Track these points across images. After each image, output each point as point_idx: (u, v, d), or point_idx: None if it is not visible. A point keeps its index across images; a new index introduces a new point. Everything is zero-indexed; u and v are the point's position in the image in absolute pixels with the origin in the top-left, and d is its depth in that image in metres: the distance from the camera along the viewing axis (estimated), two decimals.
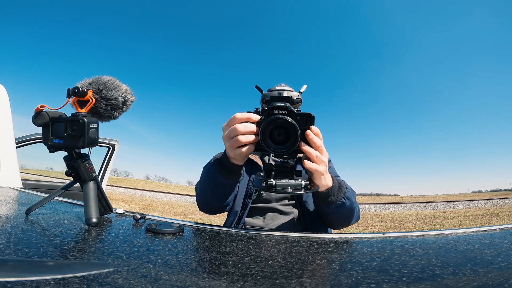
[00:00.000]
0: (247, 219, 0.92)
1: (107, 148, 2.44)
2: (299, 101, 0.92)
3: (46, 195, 0.65)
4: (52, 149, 0.59)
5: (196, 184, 0.89)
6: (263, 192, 0.94)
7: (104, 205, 0.66)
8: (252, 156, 0.99)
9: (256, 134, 0.58)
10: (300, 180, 0.58)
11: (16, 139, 1.31)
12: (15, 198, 0.87)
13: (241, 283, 0.32)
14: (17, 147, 1.32)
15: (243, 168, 0.97)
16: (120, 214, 0.68)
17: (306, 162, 0.60)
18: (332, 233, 0.61)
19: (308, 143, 0.58)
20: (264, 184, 0.57)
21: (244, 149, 0.59)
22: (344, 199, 0.72)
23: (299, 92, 0.95)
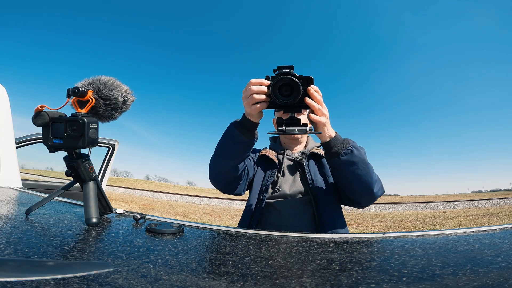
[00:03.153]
0: (263, 215, 0.96)
1: (107, 148, 2.44)
2: None
3: (46, 195, 0.65)
4: (52, 149, 0.59)
5: (210, 161, 0.94)
6: (279, 187, 1.00)
7: (104, 205, 0.66)
8: (267, 153, 1.09)
9: (267, 94, 0.71)
10: (306, 127, 0.74)
11: (16, 139, 1.31)
12: (15, 198, 0.87)
13: (241, 283, 0.32)
14: (17, 147, 1.32)
15: (256, 159, 1.06)
16: (120, 214, 0.68)
17: (310, 114, 0.73)
18: (332, 233, 0.61)
19: (311, 98, 0.72)
20: (276, 131, 0.74)
21: (258, 105, 0.72)
22: (351, 147, 0.78)
23: None
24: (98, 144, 0.61)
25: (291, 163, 1.05)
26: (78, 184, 0.61)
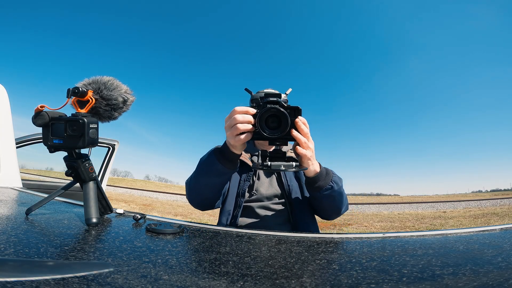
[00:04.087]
0: (240, 218, 0.96)
1: (107, 148, 2.44)
2: (285, 102, 1.04)
3: (46, 195, 0.65)
4: (52, 149, 0.59)
5: (188, 180, 0.92)
6: (255, 192, 1.00)
7: (104, 205, 0.66)
8: (242, 156, 1.03)
9: (253, 124, 0.68)
10: (292, 162, 0.69)
11: (16, 139, 1.31)
12: (15, 198, 0.87)
13: (241, 283, 0.32)
14: (17, 147, 1.32)
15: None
16: (120, 214, 0.68)
17: (297, 147, 0.70)
18: (332, 233, 0.61)
19: (297, 131, 0.69)
20: (260, 165, 0.68)
21: (242, 136, 0.68)
22: (332, 182, 0.80)
23: (285, 94, 1.10)
24: (98, 144, 0.61)
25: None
26: (78, 184, 0.61)
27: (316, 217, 0.99)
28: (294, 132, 0.68)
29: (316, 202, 0.88)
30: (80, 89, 0.57)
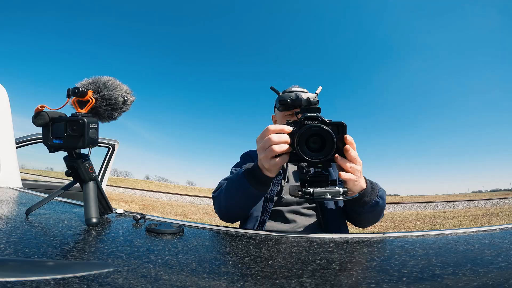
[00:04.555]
0: (268, 223, 0.92)
1: (107, 148, 2.44)
2: (316, 103, 0.92)
3: (46, 195, 0.65)
4: (52, 149, 0.59)
5: (214, 193, 0.88)
6: (284, 196, 0.95)
7: (104, 205, 0.66)
8: None
9: (290, 144, 0.59)
10: (337, 187, 0.59)
11: (16, 139, 1.31)
12: (15, 198, 0.87)
13: (241, 283, 0.32)
14: (17, 147, 1.33)
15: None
16: (120, 214, 0.68)
17: (342, 173, 0.62)
18: (332, 233, 0.61)
19: (342, 154, 0.60)
20: (300, 193, 0.58)
21: (278, 159, 0.60)
22: (378, 198, 0.75)
23: (315, 93, 0.94)
24: (98, 144, 0.61)
25: (296, 168, 1.03)
26: (78, 184, 0.61)
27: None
28: (340, 160, 0.60)
29: (355, 214, 0.84)
30: (80, 89, 0.57)
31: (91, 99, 0.58)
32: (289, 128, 0.60)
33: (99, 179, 1.53)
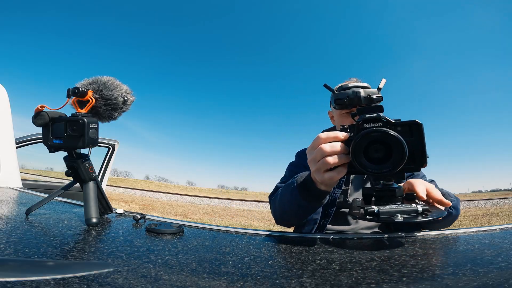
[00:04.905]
0: (329, 226, 0.87)
1: (107, 148, 2.44)
2: (380, 99, 0.78)
3: (46, 195, 0.65)
4: (52, 149, 0.59)
5: (271, 196, 0.85)
6: (349, 199, 0.87)
7: (104, 205, 0.66)
8: None
9: (347, 153, 0.50)
10: (413, 205, 0.48)
11: (16, 139, 1.31)
12: (15, 198, 0.87)
13: (241, 283, 0.32)
14: (17, 147, 1.33)
15: None
16: (120, 214, 0.68)
17: (421, 194, 0.56)
18: (332, 233, 0.61)
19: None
20: (363, 212, 0.48)
21: (333, 172, 0.52)
22: (452, 208, 0.70)
23: (378, 88, 0.79)
24: (98, 144, 0.61)
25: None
26: (78, 184, 0.61)
27: None
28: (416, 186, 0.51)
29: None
30: (80, 89, 0.57)
31: (91, 99, 0.58)
32: (344, 135, 0.51)
33: (99, 179, 1.53)
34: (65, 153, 0.60)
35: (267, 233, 0.59)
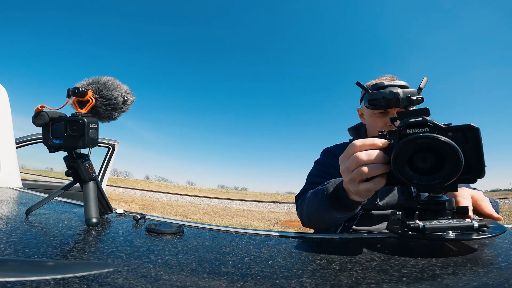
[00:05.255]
0: (354, 226, 0.84)
1: (107, 149, 2.44)
2: (420, 101, 0.72)
3: (46, 195, 0.65)
4: (52, 149, 0.59)
5: (298, 197, 0.83)
6: (379, 202, 0.81)
7: (104, 205, 0.66)
8: None
9: (386, 162, 0.45)
10: (467, 220, 0.43)
11: (16, 139, 1.31)
12: (15, 198, 0.87)
13: (241, 283, 0.32)
14: (17, 147, 1.33)
15: None
16: (120, 214, 0.68)
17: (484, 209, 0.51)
18: (332, 233, 0.61)
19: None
20: (404, 228, 0.43)
21: (369, 183, 0.47)
22: None
23: (419, 88, 0.72)
24: (98, 144, 0.62)
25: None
26: (78, 184, 0.61)
27: None
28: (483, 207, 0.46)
29: None
30: (80, 89, 0.57)
31: (91, 99, 0.58)
32: (383, 142, 0.46)
33: (99, 179, 1.53)
34: (65, 153, 0.60)
35: (267, 233, 0.59)
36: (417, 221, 0.42)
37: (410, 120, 0.43)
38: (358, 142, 0.48)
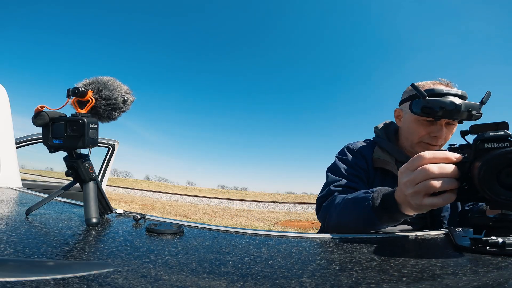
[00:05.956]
0: None
1: (107, 149, 2.44)
2: (478, 117, 0.68)
3: (46, 196, 0.65)
4: (52, 149, 0.59)
5: (323, 199, 0.78)
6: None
7: (104, 205, 0.66)
8: (386, 165, 0.80)
9: (457, 178, 0.44)
10: None
11: (16, 139, 1.31)
12: (15, 199, 0.87)
13: (241, 283, 0.32)
14: (17, 147, 1.33)
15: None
16: (120, 214, 0.68)
17: None
18: (332, 233, 0.61)
19: None
20: (479, 243, 0.43)
21: (438, 198, 0.45)
22: None
23: (481, 102, 0.69)
24: (98, 144, 0.62)
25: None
26: (78, 184, 0.61)
27: None
28: None
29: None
30: (80, 89, 0.57)
31: (91, 99, 0.58)
32: (457, 156, 0.44)
33: (99, 179, 1.53)
34: (65, 153, 0.60)
35: (267, 233, 0.59)
36: (497, 239, 0.42)
37: (491, 133, 0.42)
38: (427, 154, 0.46)
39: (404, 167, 0.50)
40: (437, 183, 0.44)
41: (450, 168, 0.44)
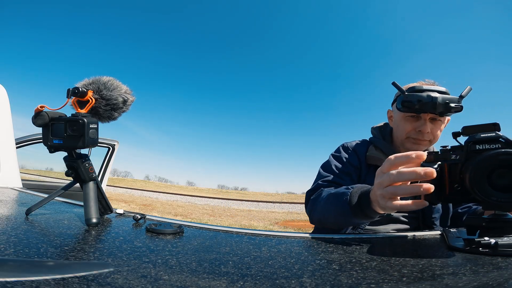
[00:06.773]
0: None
1: (107, 149, 2.44)
2: (459, 110, 0.70)
3: (46, 196, 0.65)
4: (52, 149, 0.59)
5: (310, 194, 0.82)
6: None
7: (104, 205, 0.66)
8: (379, 162, 0.82)
9: (430, 181, 0.43)
10: None
11: (16, 139, 1.31)
12: (15, 199, 0.87)
13: (241, 283, 0.32)
14: (17, 147, 1.33)
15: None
16: (120, 214, 0.68)
17: None
18: (332, 233, 0.61)
19: None
20: (472, 244, 0.43)
21: (401, 203, 0.46)
22: None
23: (460, 96, 0.71)
24: (98, 144, 0.62)
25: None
26: (78, 184, 0.61)
27: None
28: None
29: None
30: (80, 89, 0.57)
31: (91, 99, 0.58)
32: (419, 154, 0.45)
33: (99, 179, 1.53)
34: (65, 153, 0.60)
35: (267, 233, 0.59)
36: (490, 239, 0.42)
37: (482, 135, 0.42)
38: (392, 157, 0.47)
39: (380, 168, 0.51)
40: (398, 190, 0.45)
41: (411, 174, 0.43)
